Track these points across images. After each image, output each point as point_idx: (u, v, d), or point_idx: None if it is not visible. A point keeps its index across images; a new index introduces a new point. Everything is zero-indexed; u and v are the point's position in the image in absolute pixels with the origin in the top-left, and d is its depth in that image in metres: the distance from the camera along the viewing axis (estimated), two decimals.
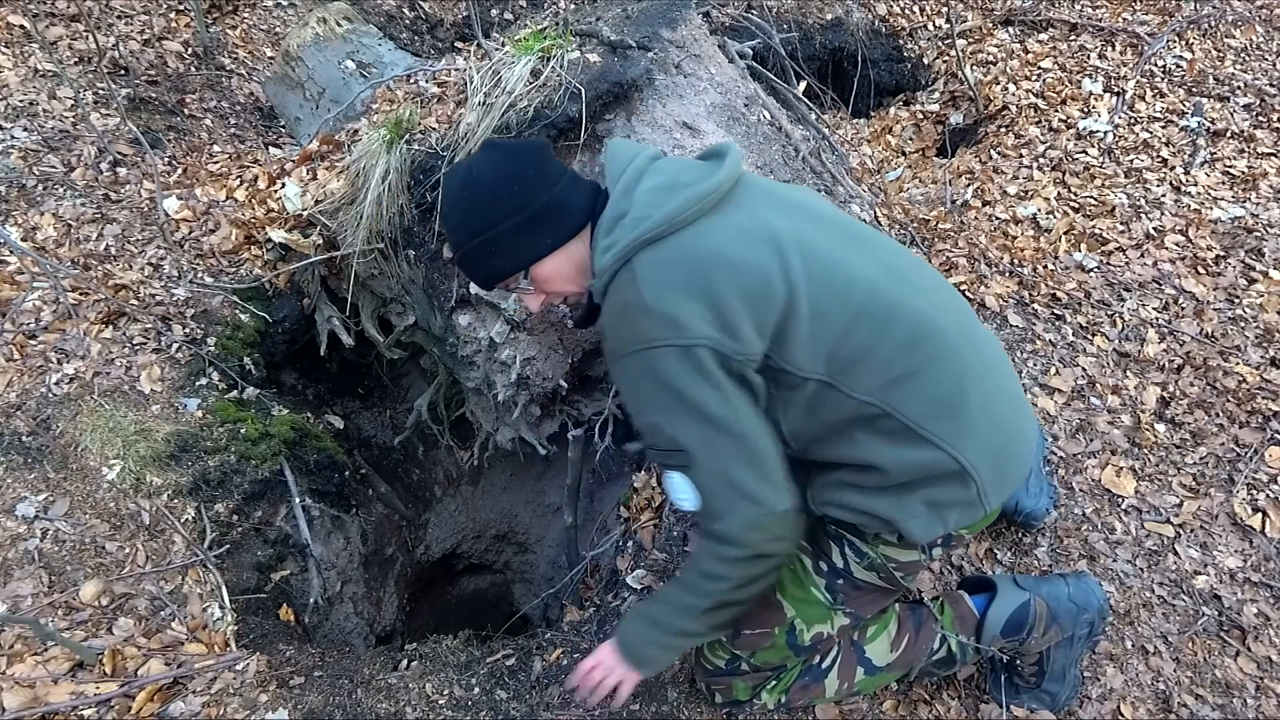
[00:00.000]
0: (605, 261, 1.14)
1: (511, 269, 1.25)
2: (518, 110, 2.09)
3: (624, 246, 1.12)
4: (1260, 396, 2.04)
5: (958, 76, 3.66)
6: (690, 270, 1.10)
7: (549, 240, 1.22)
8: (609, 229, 1.15)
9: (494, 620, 2.95)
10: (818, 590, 1.33)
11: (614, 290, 1.14)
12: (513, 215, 1.19)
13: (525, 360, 2.46)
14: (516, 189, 1.19)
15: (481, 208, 1.20)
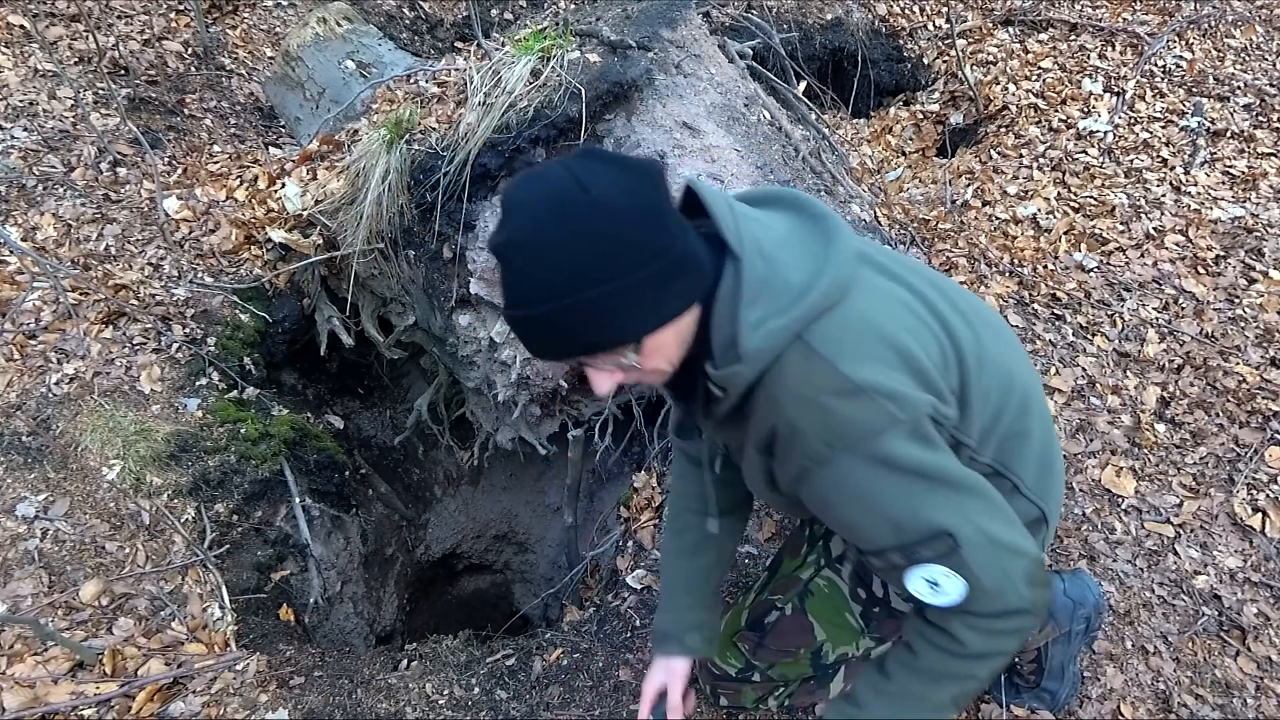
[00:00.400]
0: (760, 341, 0.87)
1: (627, 337, 0.87)
2: (518, 110, 2.09)
3: (790, 321, 0.87)
4: (1260, 396, 2.04)
5: (958, 76, 3.67)
6: (878, 338, 0.91)
7: (681, 301, 0.89)
8: (754, 297, 0.89)
9: (494, 620, 2.95)
10: (852, 616, 1.32)
11: (789, 380, 0.89)
12: (652, 261, 0.83)
13: (525, 360, 2.46)
14: (655, 225, 0.84)
15: (608, 243, 0.81)
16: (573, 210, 0.80)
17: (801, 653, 1.34)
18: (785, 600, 1.35)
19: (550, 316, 0.83)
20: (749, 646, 1.36)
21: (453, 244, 2.31)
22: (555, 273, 0.81)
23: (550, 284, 0.81)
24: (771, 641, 1.35)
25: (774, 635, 1.34)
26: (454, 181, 2.15)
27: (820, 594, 1.34)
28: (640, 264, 0.83)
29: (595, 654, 1.74)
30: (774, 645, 1.35)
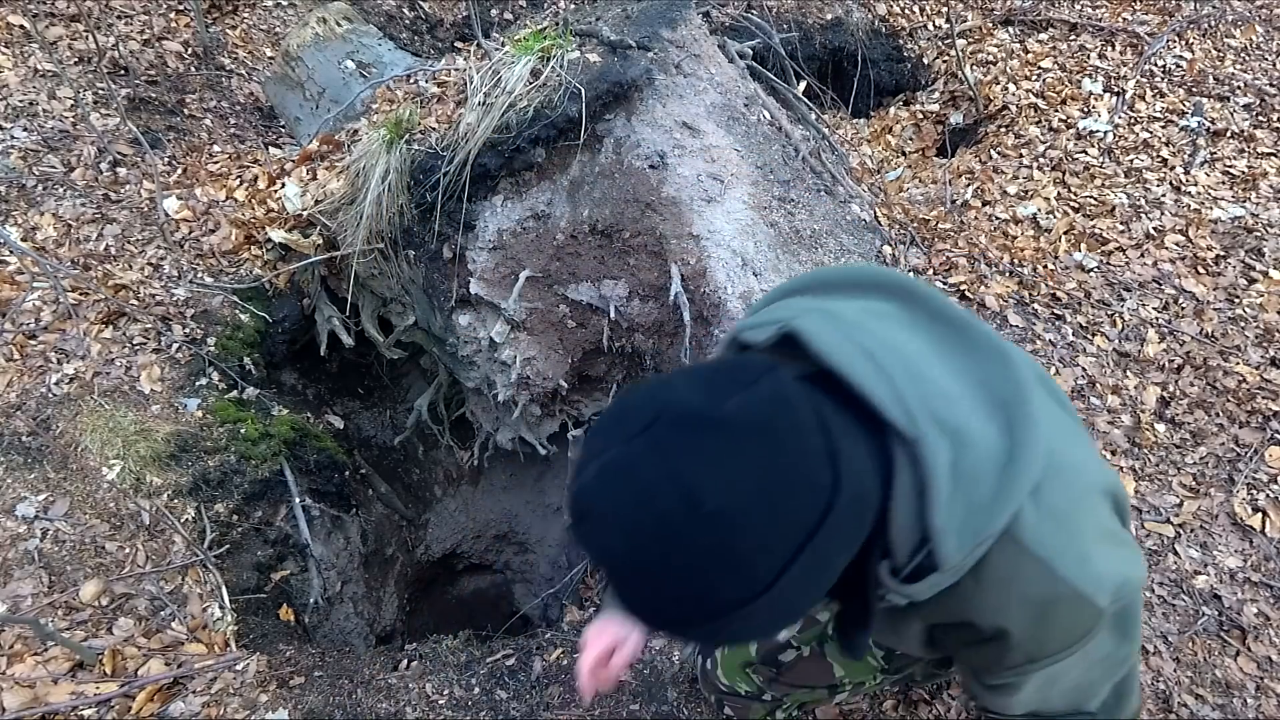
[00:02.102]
0: (961, 552, 0.70)
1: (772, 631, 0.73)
2: (517, 110, 2.09)
3: (999, 520, 0.70)
4: (1260, 396, 2.04)
5: (958, 76, 3.66)
6: (1086, 497, 0.76)
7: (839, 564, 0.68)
8: (951, 490, 0.69)
9: (494, 620, 2.95)
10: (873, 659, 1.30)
11: (997, 585, 0.74)
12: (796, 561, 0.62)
13: (525, 360, 2.46)
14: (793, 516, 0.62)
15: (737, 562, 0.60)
16: (685, 537, 0.59)
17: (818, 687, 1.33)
18: (803, 640, 1.32)
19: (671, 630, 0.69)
20: (764, 679, 1.35)
21: (453, 244, 2.31)
22: (672, 605, 0.64)
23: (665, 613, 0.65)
24: (788, 678, 1.33)
25: (792, 673, 1.32)
26: (454, 181, 2.16)
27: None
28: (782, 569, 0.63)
29: None
30: (791, 681, 1.33)
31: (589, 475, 0.63)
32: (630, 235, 2.29)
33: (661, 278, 2.30)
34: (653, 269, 2.31)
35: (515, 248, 2.32)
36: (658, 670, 1.67)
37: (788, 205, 2.32)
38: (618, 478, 0.61)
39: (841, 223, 2.41)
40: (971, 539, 0.69)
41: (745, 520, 0.60)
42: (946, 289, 2.40)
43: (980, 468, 0.69)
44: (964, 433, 0.70)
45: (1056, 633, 0.76)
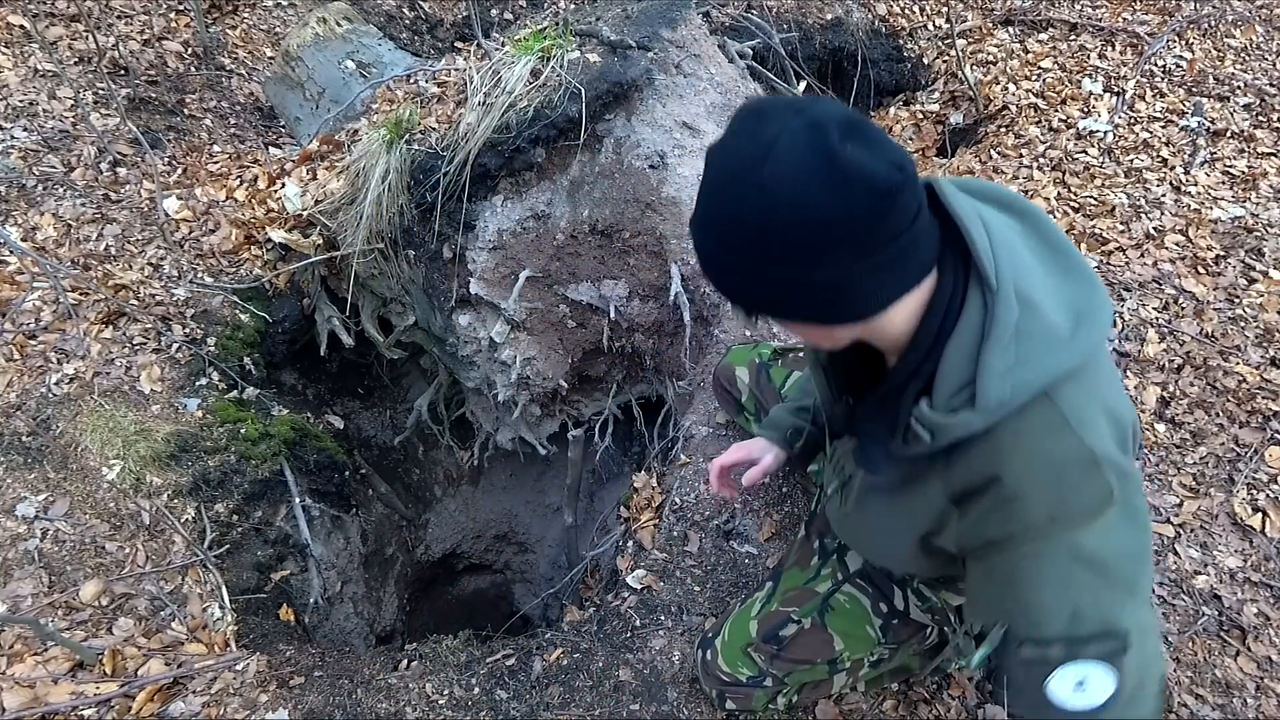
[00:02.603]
0: (1006, 393, 0.78)
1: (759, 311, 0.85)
2: (518, 110, 2.09)
3: (1045, 376, 0.78)
4: (1260, 396, 2.04)
5: (958, 76, 3.66)
6: (1105, 407, 0.82)
7: (800, 315, 0.83)
8: (1006, 342, 0.78)
9: (494, 620, 2.95)
10: (871, 629, 1.33)
11: (1027, 438, 0.80)
12: (787, 269, 0.76)
13: (525, 360, 2.46)
14: (805, 242, 0.73)
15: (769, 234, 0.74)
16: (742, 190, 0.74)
17: (819, 662, 1.35)
18: (803, 613, 1.35)
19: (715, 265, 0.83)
20: (765, 657, 1.37)
21: (453, 244, 2.31)
22: (744, 241, 0.76)
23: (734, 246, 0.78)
24: (790, 653, 1.35)
25: (793, 647, 1.35)
26: (454, 181, 2.16)
27: (841, 609, 1.35)
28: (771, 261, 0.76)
29: (595, 654, 1.74)
30: (792, 656, 1.35)
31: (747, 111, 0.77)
32: (630, 235, 2.29)
33: (661, 278, 2.30)
34: (653, 269, 2.31)
35: (515, 248, 2.32)
36: (658, 670, 1.67)
37: None
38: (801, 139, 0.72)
39: None
40: (1013, 387, 0.77)
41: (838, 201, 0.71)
42: None
43: (1040, 334, 0.79)
44: (1036, 305, 0.80)
45: (1073, 496, 0.80)
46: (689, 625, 1.75)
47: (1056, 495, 0.80)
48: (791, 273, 0.76)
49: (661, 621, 1.76)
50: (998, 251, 0.81)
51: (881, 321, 0.83)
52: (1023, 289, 0.80)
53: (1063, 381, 0.79)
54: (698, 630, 1.72)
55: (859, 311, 0.81)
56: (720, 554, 1.88)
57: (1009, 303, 0.79)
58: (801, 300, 0.79)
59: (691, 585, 1.83)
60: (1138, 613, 0.84)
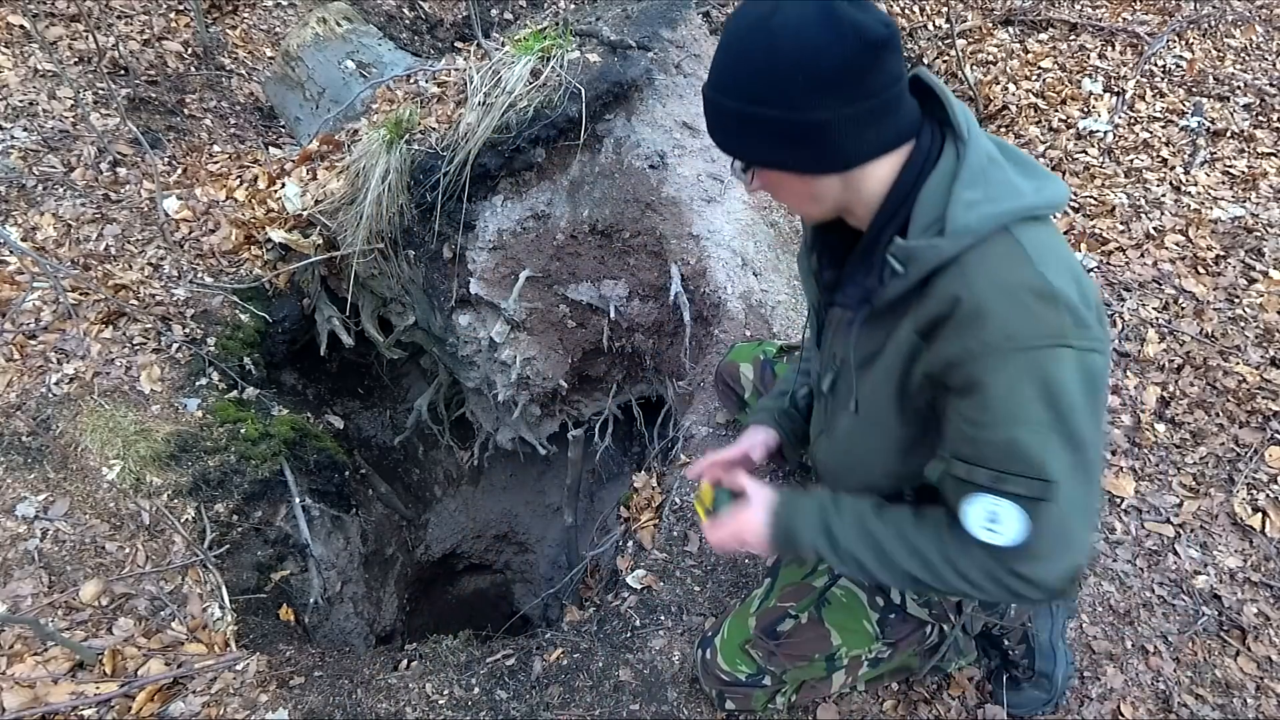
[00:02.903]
0: (971, 220, 0.87)
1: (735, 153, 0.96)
2: (518, 110, 2.09)
3: (1007, 211, 0.87)
4: (1260, 396, 2.04)
5: (958, 76, 3.66)
6: (1069, 267, 0.89)
7: (795, 163, 0.92)
8: (973, 180, 0.89)
9: (494, 620, 2.95)
10: (869, 623, 1.34)
11: (990, 262, 0.88)
12: (784, 109, 0.86)
13: (525, 360, 2.46)
14: (801, 84, 0.84)
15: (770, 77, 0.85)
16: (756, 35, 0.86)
17: (817, 658, 1.35)
18: (800, 608, 1.36)
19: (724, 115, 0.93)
20: (763, 653, 1.37)
21: (453, 244, 2.31)
22: (743, 84, 0.88)
23: (734, 88, 0.90)
24: (787, 649, 1.35)
25: (791, 643, 1.35)
26: (454, 181, 2.16)
27: (838, 603, 1.35)
28: (765, 104, 0.87)
29: (595, 654, 1.74)
30: (790, 652, 1.35)
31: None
32: (630, 235, 2.29)
33: (661, 278, 2.30)
34: (653, 269, 2.31)
35: (515, 248, 2.32)
36: (658, 670, 1.67)
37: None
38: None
39: None
40: (979, 217, 0.87)
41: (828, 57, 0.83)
42: None
43: (1004, 182, 0.89)
44: (1001, 163, 0.91)
45: (1028, 319, 0.86)
46: (689, 625, 1.75)
47: (1012, 316, 0.86)
48: (788, 114, 0.86)
49: (661, 621, 1.76)
50: (970, 122, 0.92)
51: (861, 179, 0.93)
52: (990, 150, 0.92)
53: (1026, 223, 0.89)
54: (698, 630, 1.72)
55: (844, 158, 0.90)
56: (720, 554, 1.88)
57: (979, 150, 0.90)
58: (794, 142, 0.89)
59: (691, 585, 1.83)
60: (1073, 483, 0.88)
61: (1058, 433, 0.87)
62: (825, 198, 0.96)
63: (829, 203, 0.97)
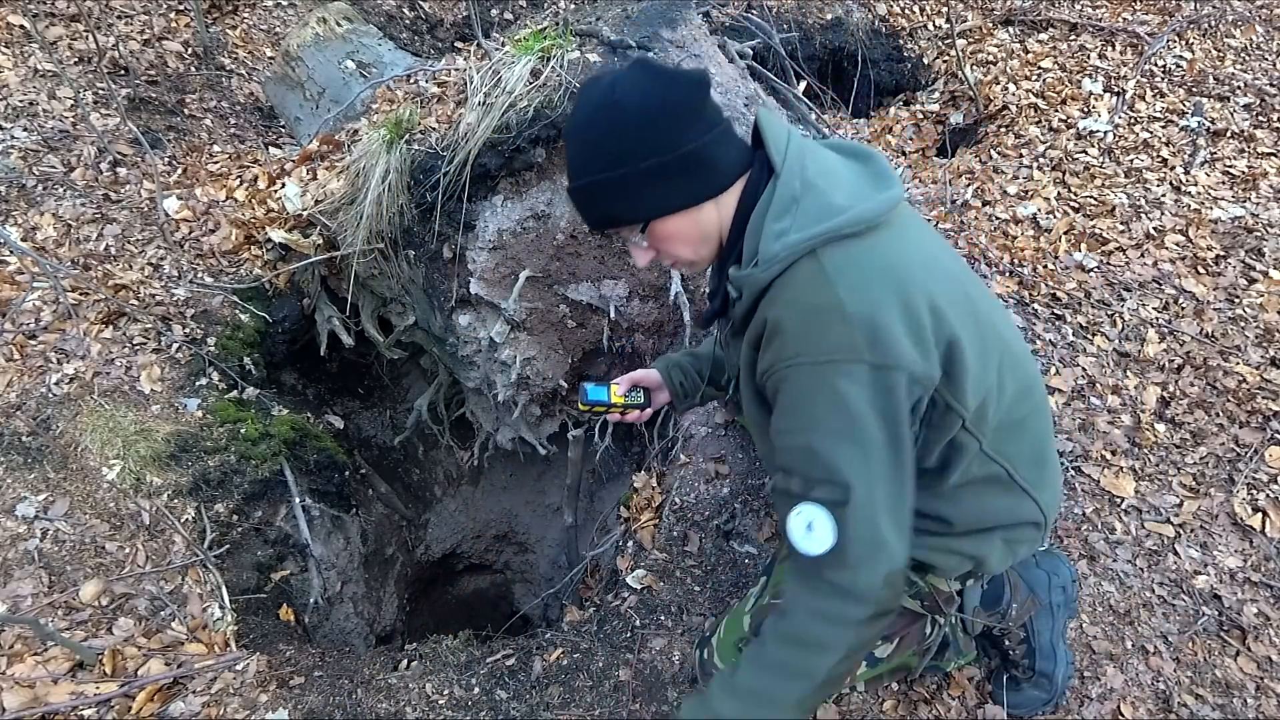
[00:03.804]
0: (777, 249, 0.98)
1: (630, 218, 1.07)
2: (518, 110, 2.09)
3: (807, 237, 0.97)
4: (1260, 396, 2.04)
5: (958, 76, 3.66)
6: (888, 276, 0.97)
7: (682, 197, 1.05)
8: (782, 211, 0.99)
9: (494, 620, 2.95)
10: None
11: (791, 286, 0.98)
12: (650, 157, 1.00)
13: (525, 360, 2.46)
14: (665, 125, 0.99)
15: (617, 138, 1.00)
16: (599, 107, 1.01)
17: None
18: None
19: (575, 193, 1.08)
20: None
21: (453, 244, 2.31)
22: (576, 160, 1.05)
23: (574, 166, 1.06)
24: None
25: None
26: (454, 181, 2.15)
27: None
28: (639, 157, 1.00)
29: (595, 654, 1.74)
30: None
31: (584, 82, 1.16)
32: None
33: (661, 278, 2.30)
34: (653, 269, 2.31)
35: (515, 248, 2.32)
36: (658, 670, 1.67)
37: None
38: (589, 80, 1.05)
39: None
40: (783, 245, 0.98)
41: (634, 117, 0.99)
42: None
43: (815, 208, 0.99)
44: (818, 188, 1.00)
45: (819, 337, 0.96)
46: (689, 625, 1.75)
47: (805, 333, 0.96)
48: (664, 156, 1.00)
49: (661, 621, 1.76)
50: (792, 150, 1.03)
51: (724, 206, 1.07)
52: (809, 176, 1.01)
53: (832, 245, 0.97)
54: (698, 630, 1.72)
55: (720, 177, 1.05)
56: (720, 554, 1.88)
57: (790, 182, 1.01)
58: (679, 177, 1.03)
59: (691, 585, 1.83)
60: (871, 486, 0.96)
61: (850, 440, 0.95)
62: (710, 232, 1.09)
63: (713, 236, 1.10)
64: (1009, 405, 1.11)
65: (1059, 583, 1.51)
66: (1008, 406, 1.11)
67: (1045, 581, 1.50)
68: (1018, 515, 1.19)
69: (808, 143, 1.07)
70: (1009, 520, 1.20)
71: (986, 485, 1.16)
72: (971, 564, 1.24)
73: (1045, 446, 1.20)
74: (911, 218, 1.09)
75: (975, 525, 1.19)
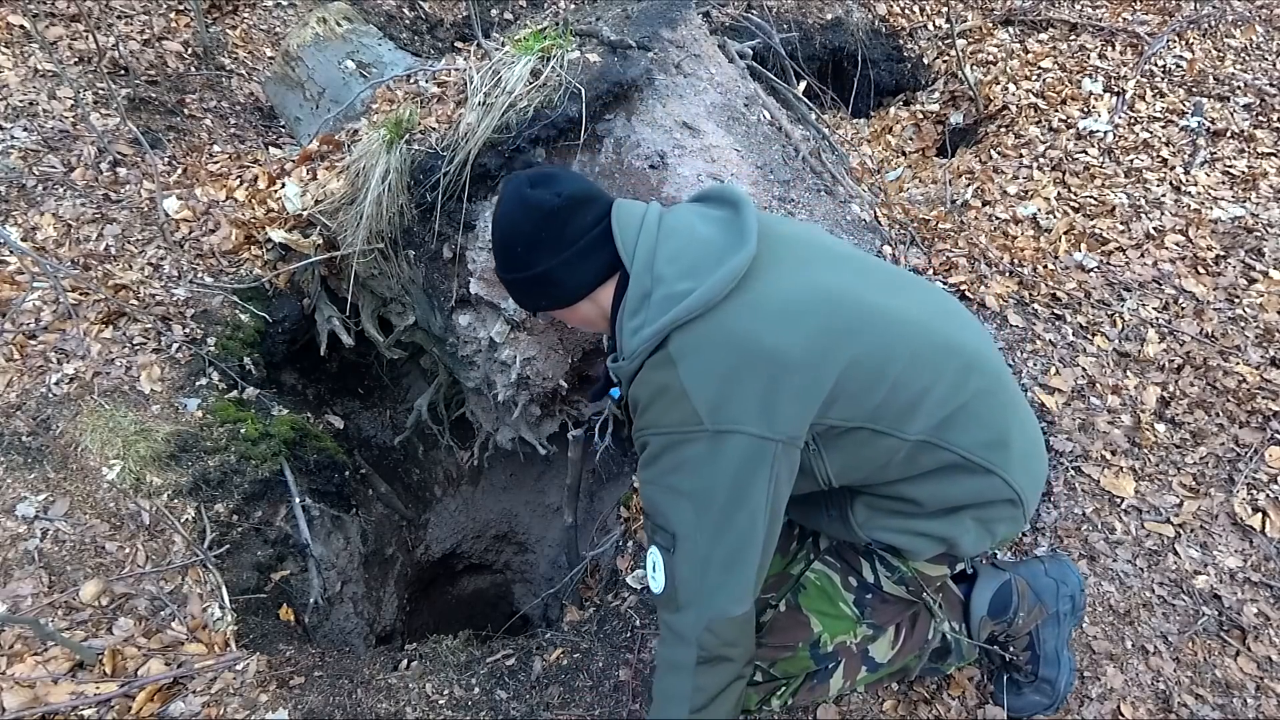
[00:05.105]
0: (635, 345, 1.11)
1: (525, 307, 1.30)
2: (518, 110, 2.09)
3: (655, 330, 1.09)
4: (1260, 396, 2.04)
5: (958, 76, 3.67)
6: (731, 354, 1.07)
7: (549, 302, 1.25)
8: (635, 309, 1.12)
9: (494, 620, 2.95)
10: (846, 605, 1.36)
11: (646, 370, 1.12)
12: (512, 273, 1.22)
13: (525, 360, 2.46)
14: (521, 250, 1.19)
15: (503, 250, 1.22)
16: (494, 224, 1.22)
17: (800, 646, 1.35)
18: (778, 597, 1.37)
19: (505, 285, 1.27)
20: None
21: (453, 244, 2.31)
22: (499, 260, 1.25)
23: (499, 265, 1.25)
24: (770, 639, 1.36)
25: (772, 633, 1.35)
26: (454, 181, 2.15)
27: (812, 587, 1.38)
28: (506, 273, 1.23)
29: (595, 654, 1.74)
30: (773, 642, 1.36)
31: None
32: None
33: None
34: None
35: None
36: None
37: (788, 205, 2.32)
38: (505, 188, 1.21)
39: (841, 223, 2.41)
40: (639, 339, 1.10)
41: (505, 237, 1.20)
42: (947, 289, 2.40)
43: (661, 300, 1.10)
44: (664, 279, 1.11)
45: (664, 414, 1.09)
46: None
47: (654, 409, 1.10)
48: (524, 273, 1.21)
49: None
50: (641, 247, 1.14)
51: (599, 301, 1.22)
52: (658, 267, 1.12)
53: (680, 330, 1.08)
54: None
55: (571, 292, 1.21)
56: None
57: (641, 280, 1.12)
58: (536, 292, 1.23)
59: None
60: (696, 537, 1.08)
61: (683, 495, 1.08)
62: (593, 319, 1.27)
63: (599, 320, 1.26)
64: (944, 395, 1.14)
65: (1067, 591, 1.50)
66: (942, 396, 1.14)
67: (1054, 590, 1.50)
68: (986, 494, 1.20)
69: (666, 220, 1.18)
70: (977, 499, 1.21)
71: (946, 471, 1.18)
72: (943, 545, 1.24)
73: (1005, 428, 1.20)
74: (779, 249, 1.16)
75: (943, 505, 1.21)
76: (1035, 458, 1.27)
